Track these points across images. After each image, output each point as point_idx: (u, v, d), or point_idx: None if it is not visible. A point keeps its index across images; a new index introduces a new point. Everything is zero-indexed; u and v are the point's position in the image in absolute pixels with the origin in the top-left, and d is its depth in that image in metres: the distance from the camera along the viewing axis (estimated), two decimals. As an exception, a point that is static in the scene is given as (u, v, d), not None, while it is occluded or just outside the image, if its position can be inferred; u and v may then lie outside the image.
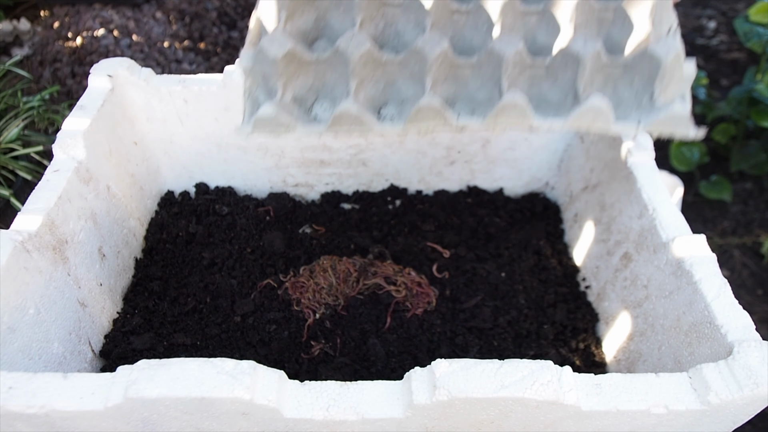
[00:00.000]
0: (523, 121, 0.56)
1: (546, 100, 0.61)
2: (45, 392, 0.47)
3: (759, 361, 0.49)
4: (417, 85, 0.59)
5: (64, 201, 0.65)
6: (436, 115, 0.56)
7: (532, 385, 0.46)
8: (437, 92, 0.59)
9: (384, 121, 0.60)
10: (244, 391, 0.45)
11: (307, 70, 0.58)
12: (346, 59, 0.56)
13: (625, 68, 0.59)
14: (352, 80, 0.57)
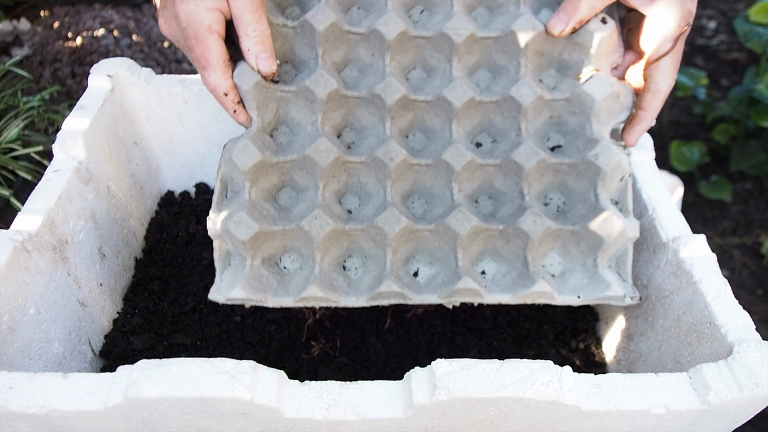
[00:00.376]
0: (474, 299, 0.62)
1: (499, 256, 0.65)
2: (45, 392, 0.47)
3: (759, 361, 0.49)
4: (379, 250, 0.63)
5: (64, 201, 0.65)
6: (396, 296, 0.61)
7: (532, 385, 0.46)
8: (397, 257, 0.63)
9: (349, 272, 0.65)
10: (244, 391, 0.45)
11: (274, 236, 0.61)
12: (311, 237, 0.60)
13: (574, 233, 0.63)
14: (317, 253, 0.61)
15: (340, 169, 0.63)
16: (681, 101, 1.88)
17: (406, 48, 0.66)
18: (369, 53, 0.66)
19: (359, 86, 0.66)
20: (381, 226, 0.61)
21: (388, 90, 0.63)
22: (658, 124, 1.83)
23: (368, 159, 0.63)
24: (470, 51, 0.66)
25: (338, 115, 0.65)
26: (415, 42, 0.66)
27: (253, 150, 0.59)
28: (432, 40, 0.66)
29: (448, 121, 0.66)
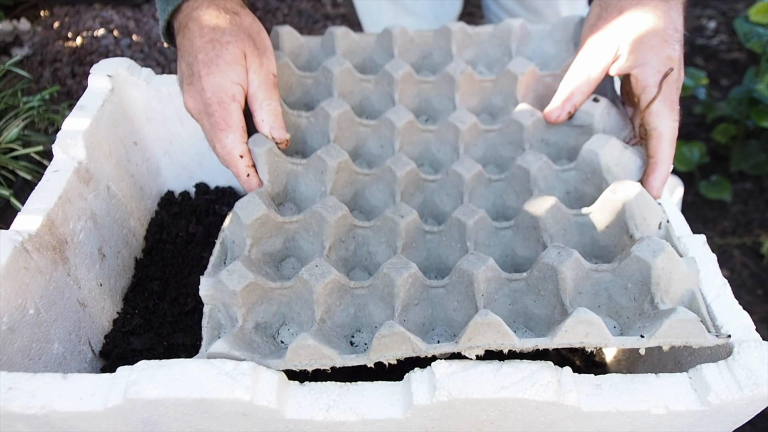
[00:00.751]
0: (502, 341, 0.48)
1: (532, 316, 0.56)
2: (45, 393, 0.47)
3: (759, 362, 0.49)
4: (388, 309, 0.56)
5: (64, 201, 0.65)
6: (403, 341, 0.49)
7: (532, 385, 0.46)
8: (409, 317, 0.55)
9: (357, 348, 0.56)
10: (244, 392, 0.45)
11: (270, 296, 0.56)
12: (310, 288, 0.54)
13: (615, 273, 0.55)
14: (317, 310, 0.54)
15: (348, 233, 0.60)
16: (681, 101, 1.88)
17: (414, 141, 0.67)
18: (378, 144, 0.67)
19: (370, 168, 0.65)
20: (387, 272, 0.55)
21: (399, 163, 0.63)
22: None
23: (378, 222, 0.60)
24: (476, 143, 0.67)
25: (348, 192, 0.64)
26: (422, 135, 0.67)
27: (258, 203, 0.57)
28: (438, 132, 0.67)
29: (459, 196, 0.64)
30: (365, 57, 0.72)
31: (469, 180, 0.62)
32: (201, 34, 0.62)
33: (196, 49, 0.62)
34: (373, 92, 0.69)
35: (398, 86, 0.68)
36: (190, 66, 0.63)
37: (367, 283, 0.56)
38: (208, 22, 0.63)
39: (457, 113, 0.66)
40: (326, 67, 0.66)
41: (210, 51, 0.62)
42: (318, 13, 2.29)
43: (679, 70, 0.65)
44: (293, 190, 0.63)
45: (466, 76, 0.68)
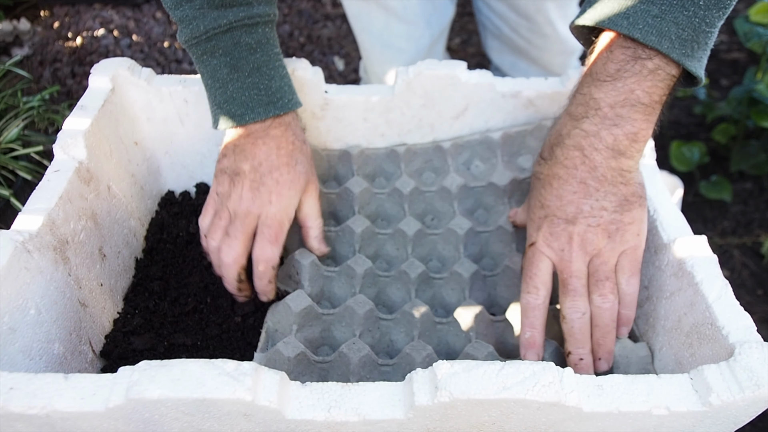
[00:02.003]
0: None
1: None
2: (46, 393, 0.47)
3: (760, 363, 0.49)
4: None
5: (65, 201, 0.65)
6: None
7: (534, 386, 0.46)
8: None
9: None
10: (246, 393, 0.45)
11: (312, 368, 0.66)
12: (347, 360, 0.65)
13: None
14: (351, 380, 0.64)
15: (374, 324, 0.70)
16: (681, 101, 1.88)
17: (423, 243, 0.79)
18: (395, 248, 0.79)
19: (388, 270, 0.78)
20: (409, 352, 0.65)
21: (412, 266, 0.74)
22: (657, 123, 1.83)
23: (398, 315, 0.70)
24: (473, 242, 0.79)
25: (372, 291, 0.75)
26: (429, 238, 0.79)
27: (305, 296, 0.69)
28: (442, 235, 0.79)
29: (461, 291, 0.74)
30: (376, 166, 0.85)
31: (468, 278, 0.73)
32: (278, 154, 0.69)
33: (272, 164, 0.69)
34: (386, 201, 0.82)
35: (407, 199, 0.81)
36: (258, 172, 0.69)
37: (392, 362, 0.66)
38: (285, 146, 0.70)
39: (456, 220, 0.78)
40: (347, 188, 0.81)
41: (285, 174, 0.69)
42: (318, 13, 2.29)
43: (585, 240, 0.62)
44: (328, 291, 0.75)
45: (460, 187, 0.81)
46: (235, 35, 0.67)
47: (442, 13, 1.24)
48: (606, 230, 0.62)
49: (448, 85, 0.79)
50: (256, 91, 0.68)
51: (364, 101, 0.80)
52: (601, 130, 0.60)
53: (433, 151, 0.85)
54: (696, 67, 0.58)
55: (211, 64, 0.68)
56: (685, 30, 0.57)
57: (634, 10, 0.58)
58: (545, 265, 0.64)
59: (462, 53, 2.10)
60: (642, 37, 0.57)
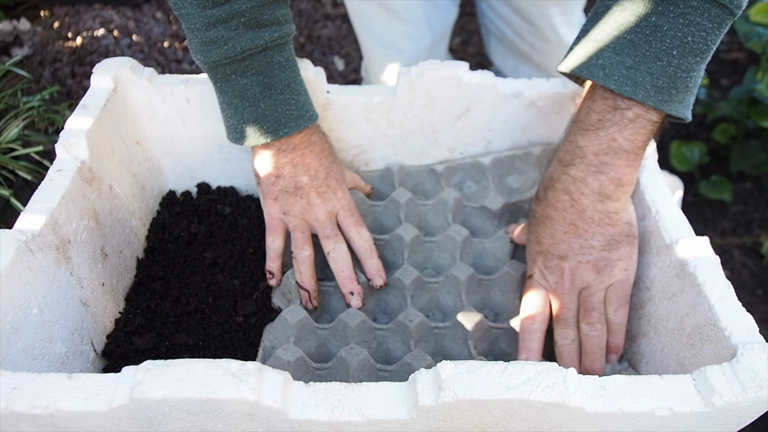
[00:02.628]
0: None
1: None
2: (49, 393, 0.47)
3: (763, 364, 0.49)
4: None
5: (67, 201, 0.65)
6: None
7: (538, 386, 0.46)
8: None
9: None
10: (250, 392, 0.45)
11: (310, 375, 0.67)
12: (346, 365, 0.66)
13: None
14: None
15: (369, 335, 0.71)
16: (681, 102, 1.88)
17: (419, 250, 0.80)
18: (391, 253, 0.80)
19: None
20: (409, 361, 0.66)
21: (405, 273, 0.75)
22: (658, 124, 1.83)
23: (392, 325, 0.71)
24: (468, 252, 0.80)
25: (372, 299, 0.76)
26: (425, 245, 0.81)
27: (301, 310, 0.70)
28: (439, 242, 0.80)
29: (458, 294, 0.75)
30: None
31: (464, 281, 0.74)
32: (325, 156, 0.75)
33: (326, 168, 0.75)
34: (382, 214, 0.84)
35: (403, 209, 0.82)
36: (318, 179, 0.74)
37: (391, 368, 0.67)
38: (326, 147, 0.76)
39: (454, 227, 0.79)
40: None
41: (335, 170, 0.76)
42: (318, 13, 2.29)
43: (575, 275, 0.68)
44: (327, 305, 0.77)
45: (456, 201, 0.83)
46: (268, 54, 0.68)
47: (444, 15, 1.24)
48: (595, 266, 0.67)
49: (450, 85, 0.79)
50: (287, 107, 0.71)
51: (366, 101, 0.80)
52: (587, 176, 0.64)
53: (426, 173, 0.87)
54: (678, 109, 0.61)
55: (241, 84, 0.69)
56: (660, 79, 0.59)
57: (610, 61, 0.61)
58: (541, 295, 0.69)
59: (462, 53, 2.10)
60: (617, 88, 0.60)
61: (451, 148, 0.86)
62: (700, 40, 0.59)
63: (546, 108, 0.81)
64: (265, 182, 0.74)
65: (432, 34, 1.23)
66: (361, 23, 1.24)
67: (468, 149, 0.86)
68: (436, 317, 0.76)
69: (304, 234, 0.74)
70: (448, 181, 0.87)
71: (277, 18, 0.68)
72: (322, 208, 0.74)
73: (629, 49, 0.60)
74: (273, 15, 0.68)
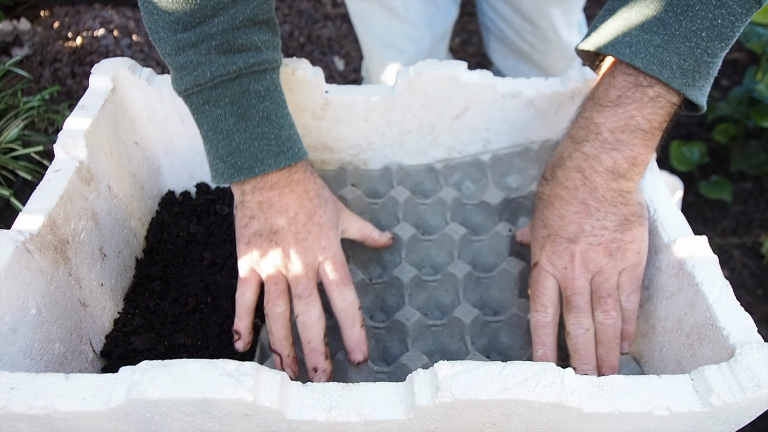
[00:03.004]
0: None
1: None
2: (47, 393, 0.47)
3: (761, 363, 0.49)
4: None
5: (66, 201, 0.65)
6: None
7: (535, 387, 0.46)
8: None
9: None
10: (247, 393, 0.45)
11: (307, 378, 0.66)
12: (345, 368, 0.66)
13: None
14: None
15: (367, 333, 0.68)
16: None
17: (417, 249, 0.80)
18: (389, 252, 0.80)
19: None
20: (405, 362, 0.66)
21: (403, 271, 0.75)
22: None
23: (389, 324, 0.71)
24: (466, 250, 0.79)
25: (369, 297, 0.76)
26: (423, 244, 0.80)
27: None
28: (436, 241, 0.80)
29: (455, 292, 0.75)
30: (370, 187, 0.87)
31: (462, 279, 0.74)
32: (309, 198, 0.66)
33: (308, 211, 0.66)
34: (380, 212, 0.84)
35: (401, 207, 0.82)
36: (297, 223, 0.65)
37: (388, 369, 0.67)
38: (312, 187, 0.67)
39: (451, 226, 0.79)
40: (342, 196, 0.81)
41: (323, 214, 0.67)
42: (318, 13, 2.29)
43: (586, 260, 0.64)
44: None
45: (455, 200, 0.82)
46: (243, 82, 0.63)
47: (445, 15, 1.24)
48: (607, 249, 0.63)
49: (449, 85, 0.79)
50: (266, 141, 0.64)
51: (365, 101, 0.80)
52: (601, 154, 0.62)
53: (425, 172, 0.87)
54: (697, 96, 0.59)
55: (214, 114, 0.63)
56: (686, 60, 0.58)
57: (637, 39, 0.59)
58: (551, 284, 0.65)
59: (462, 53, 2.10)
60: (643, 66, 0.58)
61: (449, 148, 0.86)
62: (728, 24, 0.57)
63: (545, 107, 0.81)
64: (239, 224, 0.66)
65: (432, 34, 1.23)
66: (362, 23, 1.24)
67: (467, 149, 0.86)
68: (434, 315, 0.76)
69: (278, 286, 0.65)
70: (447, 180, 0.87)
71: (255, 43, 0.63)
72: (299, 258, 0.64)
73: (658, 27, 0.58)
74: (250, 40, 0.62)
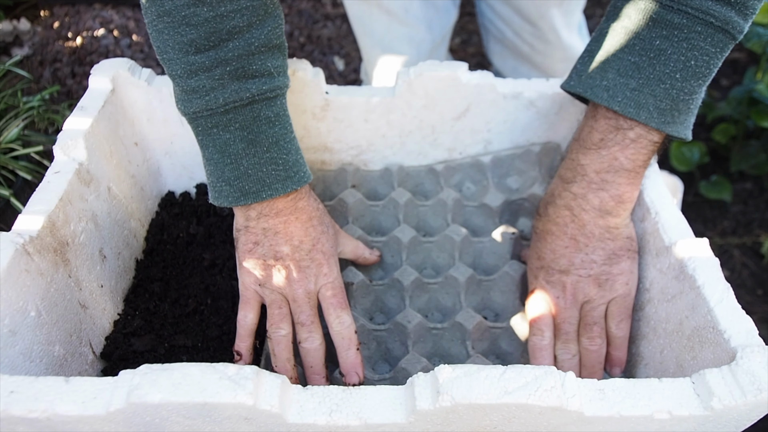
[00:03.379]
0: None
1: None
2: (47, 396, 0.47)
3: (762, 367, 0.49)
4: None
5: (65, 203, 0.64)
6: None
7: (536, 390, 0.46)
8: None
9: None
10: (247, 397, 0.45)
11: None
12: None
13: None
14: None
15: (368, 336, 0.71)
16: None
17: (418, 251, 0.80)
18: (389, 255, 0.80)
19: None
20: (405, 366, 0.66)
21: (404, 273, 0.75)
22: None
23: (390, 326, 0.71)
24: (467, 252, 0.80)
25: (369, 299, 0.76)
26: (424, 246, 0.81)
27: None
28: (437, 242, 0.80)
29: (456, 294, 0.75)
30: (370, 188, 0.87)
31: (463, 282, 0.74)
32: (313, 225, 0.67)
33: (312, 239, 0.67)
34: (381, 213, 0.84)
35: (402, 209, 0.82)
36: (301, 251, 0.66)
37: (388, 375, 0.68)
38: (316, 215, 0.68)
39: (452, 227, 0.79)
40: (342, 198, 0.83)
41: (325, 242, 0.68)
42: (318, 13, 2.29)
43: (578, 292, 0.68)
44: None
45: (455, 201, 0.83)
46: (255, 109, 0.62)
47: (444, 18, 1.24)
48: (596, 280, 0.67)
49: (449, 86, 0.79)
50: (274, 167, 0.64)
51: (365, 102, 0.80)
52: (588, 193, 0.66)
53: (425, 174, 0.87)
54: (678, 131, 0.62)
55: (222, 138, 0.63)
56: (663, 101, 0.61)
57: (614, 83, 0.62)
58: (546, 310, 0.69)
59: (462, 53, 2.10)
60: (621, 110, 0.62)
61: (450, 149, 0.86)
62: (703, 63, 0.60)
63: (545, 108, 0.81)
64: (242, 249, 0.67)
65: (432, 36, 1.22)
66: (361, 26, 1.24)
67: (467, 150, 0.86)
68: (435, 318, 0.75)
69: (281, 310, 0.66)
70: (447, 181, 0.87)
71: (268, 69, 0.63)
72: (301, 285, 0.65)
73: (633, 71, 0.61)
74: (264, 66, 0.62)
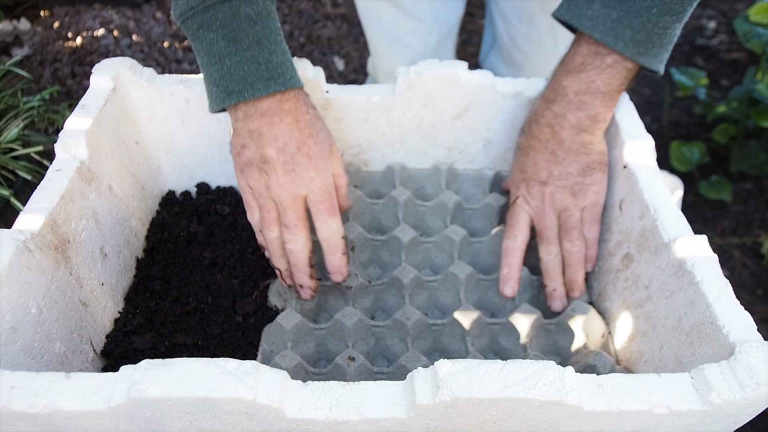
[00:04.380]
0: None
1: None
2: (48, 392, 0.47)
3: (761, 362, 0.49)
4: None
5: (66, 201, 0.65)
6: None
7: (535, 385, 0.46)
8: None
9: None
10: (247, 392, 0.45)
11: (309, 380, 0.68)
12: (343, 372, 0.67)
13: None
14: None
15: (367, 332, 0.72)
16: (681, 101, 1.88)
17: (417, 251, 0.81)
18: (389, 254, 0.81)
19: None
20: (404, 363, 0.67)
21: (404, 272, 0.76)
22: (657, 123, 1.83)
23: (390, 323, 0.72)
24: (466, 252, 0.81)
25: (369, 298, 0.77)
26: (423, 246, 0.82)
27: (295, 314, 0.70)
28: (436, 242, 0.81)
29: (456, 292, 0.76)
30: (371, 188, 0.88)
31: (463, 279, 0.76)
32: (299, 128, 0.67)
33: (297, 141, 0.67)
34: (381, 212, 0.85)
35: (402, 208, 0.83)
36: (287, 154, 0.67)
37: (387, 370, 0.68)
38: (303, 118, 0.68)
39: (451, 228, 0.81)
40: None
41: (312, 146, 0.68)
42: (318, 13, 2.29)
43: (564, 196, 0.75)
44: (324, 304, 0.77)
45: (456, 204, 0.84)
46: (234, 5, 0.63)
47: (452, 10, 1.24)
48: (571, 190, 0.75)
49: (449, 85, 0.79)
50: (255, 65, 0.64)
51: (365, 101, 0.80)
52: (567, 112, 0.72)
53: (427, 176, 0.89)
54: (651, 62, 0.68)
55: (207, 38, 0.64)
56: (639, 33, 0.67)
57: (598, 13, 0.68)
58: (524, 218, 0.77)
59: (462, 53, 2.10)
60: (601, 38, 0.67)
61: (450, 148, 0.86)
62: (677, 1, 0.65)
63: (545, 107, 0.81)
64: (233, 151, 0.69)
65: (439, 29, 1.23)
66: (369, 18, 1.24)
67: (467, 148, 0.86)
68: (434, 315, 0.76)
69: (270, 214, 0.69)
70: (449, 186, 0.87)
71: None
72: (286, 189, 0.67)
73: (616, 3, 0.67)
74: None
